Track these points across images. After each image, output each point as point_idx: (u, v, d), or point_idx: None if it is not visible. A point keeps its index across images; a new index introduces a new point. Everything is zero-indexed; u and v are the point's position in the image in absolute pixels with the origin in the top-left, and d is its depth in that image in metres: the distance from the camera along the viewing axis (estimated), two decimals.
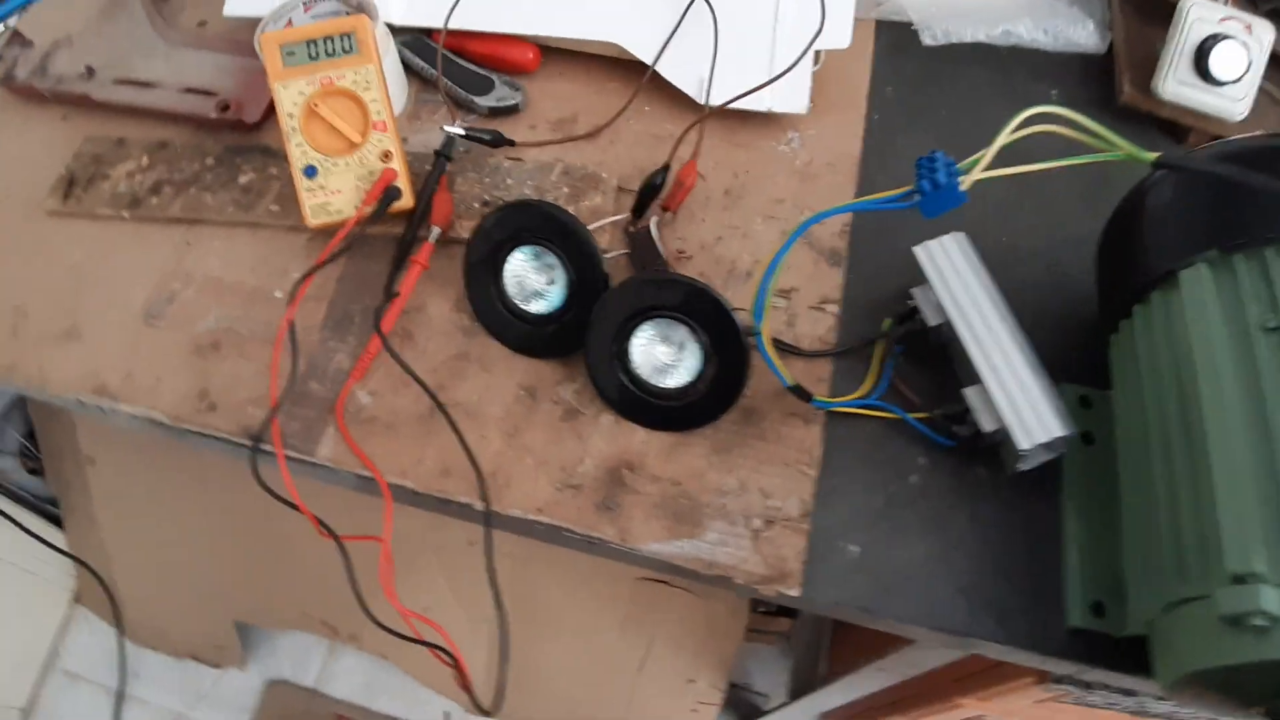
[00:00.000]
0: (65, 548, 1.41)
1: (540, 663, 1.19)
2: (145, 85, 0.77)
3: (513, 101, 0.72)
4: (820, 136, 0.73)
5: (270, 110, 0.74)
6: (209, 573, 1.31)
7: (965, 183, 0.50)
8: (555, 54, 0.76)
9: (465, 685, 0.61)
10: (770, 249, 0.66)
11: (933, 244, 0.60)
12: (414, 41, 0.75)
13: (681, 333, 0.57)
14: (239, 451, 0.60)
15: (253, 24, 0.77)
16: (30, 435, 1.37)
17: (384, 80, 0.64)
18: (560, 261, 0.60)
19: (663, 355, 0.58)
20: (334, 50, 0.64)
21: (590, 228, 0.62)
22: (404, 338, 0.63)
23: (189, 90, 0.76)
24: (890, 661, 0.77)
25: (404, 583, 0.56)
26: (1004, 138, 0.50)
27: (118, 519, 1.34)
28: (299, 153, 0.64)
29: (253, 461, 0.58)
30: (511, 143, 0.70)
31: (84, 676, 1.47)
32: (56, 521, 1.41)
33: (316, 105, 0.63)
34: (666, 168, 0.65)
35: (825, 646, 1.08)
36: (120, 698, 1.42)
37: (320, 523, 0.58)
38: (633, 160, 0.71)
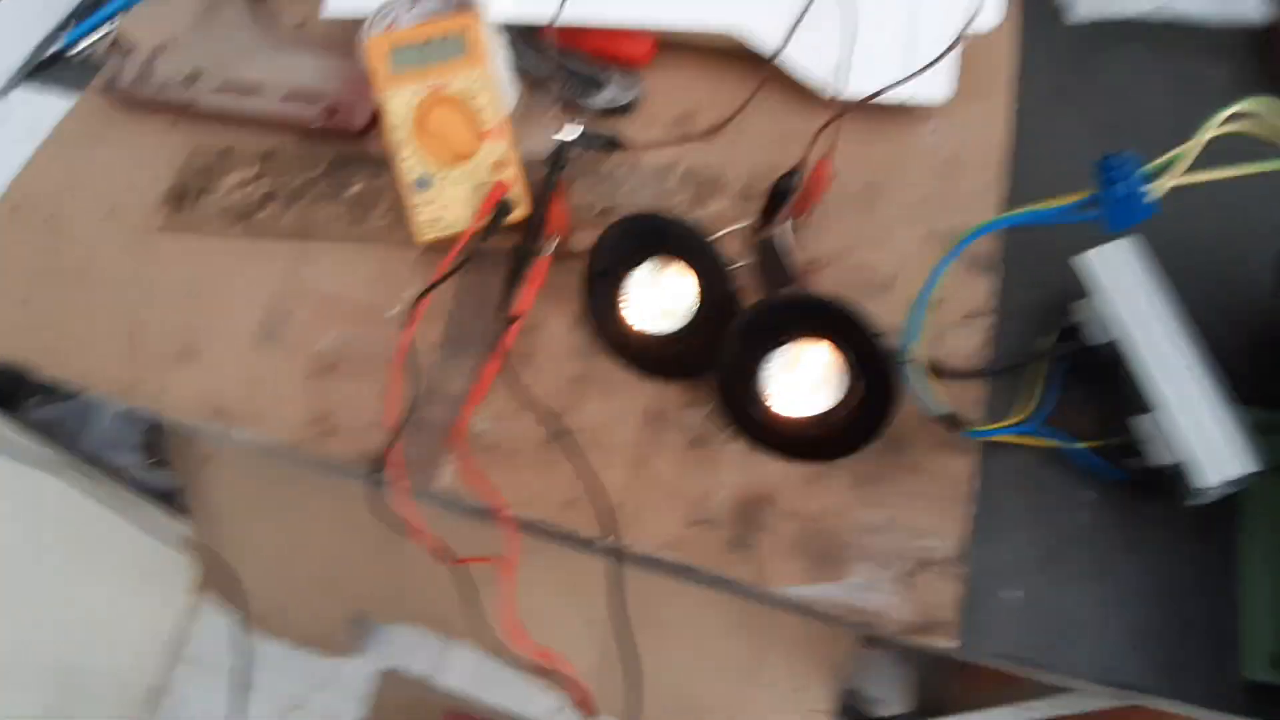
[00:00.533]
0: (187, 539, 1.45)
1: (646, 667, 1.17)
2: (249, 91, 0.76)
3: (628, 100, 0.68)
4: (962, 129, 0.66)
5: (377, 116, 0.71)
6: (326, 565, 1.33)
7: (1156, 191, 0.44)
8: (670, 46, 0.71)
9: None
10: (912, 257, 0.61)
11: (1097, 253, 0.54)
12: (521, 39, 0.71)
13: (822, 355, 0.52)
14: (357, 474, 0.58)
15: (351, 23, 0.75)
16: (150, 429, 1.41)
17: (495, 84, 0.61)
18: (687, 277, 0.56)
19: (801, 379, 0.53)
20: (443, 53, 0.60)
21: (714, 237, 0.57)
22: (522, 359, 0.59)
23: (293, 94, 0.74)
24: (1043, 705, 0.72)
25: None
26: (1210, 133, 0.43)
27: (237, 512, 1.37)
28: (409, 165, 0.61)
29: (373, 492, 0.56)
30: (625, 147, 0.66)
31: (208, 661, 1.51)
32: (179, 512, 1.45)
33: (427, 114, 0.60)
34: (798, 169, 0.60)
35: (955, 666, 1.02)
36: (243, 683, 1.47)
37: (441, 547, 0.56)
38: (757, 161, 0.66)
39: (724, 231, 0.61)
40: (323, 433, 0.59)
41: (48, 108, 0.81)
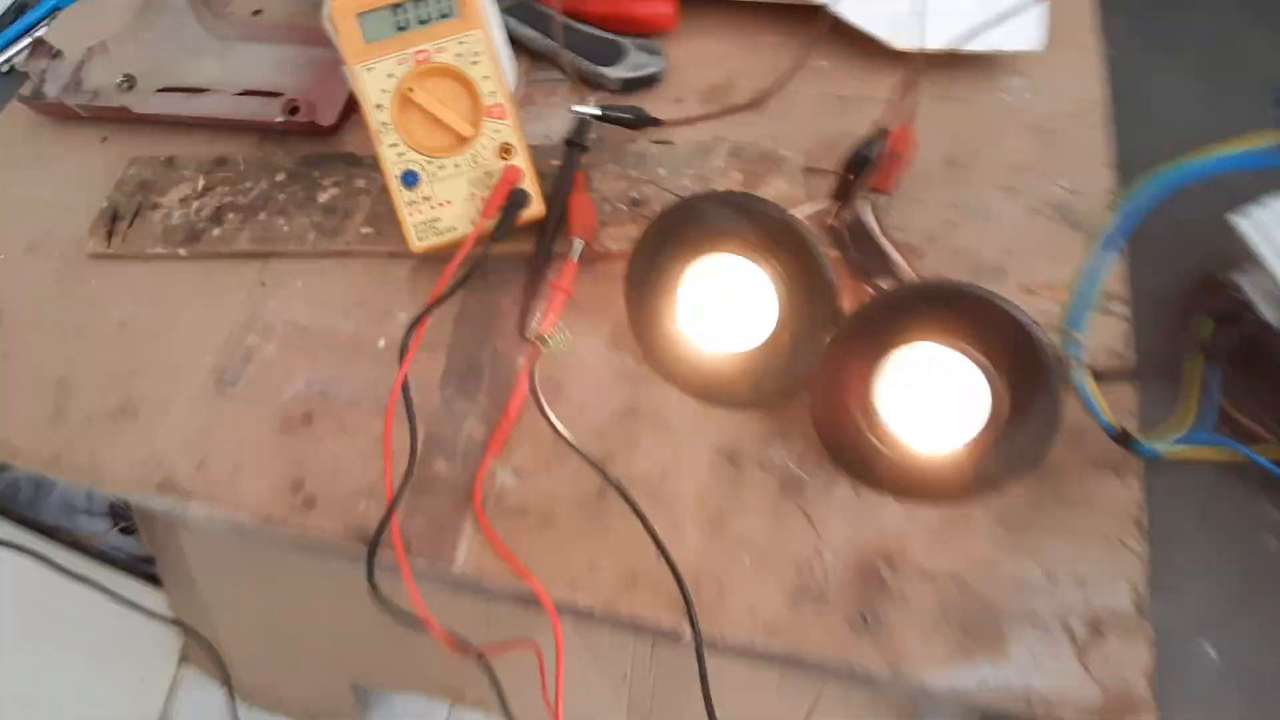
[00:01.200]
0: (166, 610, 1.31)
1: None
2: (195, 91, 0.63)
3: (652, 70, 0.56)
4: (1052, 80, 0.56)
5: (349, 109, 0.59)
6: (319, 633, 1.19)
7: None
8: (695, 6, 0.60)
9: None
10: (1021, 234, 0.50)
11: (1264, 210, 0.43)
12: (519, 7, 0.59)
13: (955, 363, 0.40)
14: (349, 552, 0.45)
15: (316, 7, 0.63)
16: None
17: (495, 48, 0.49)
18: (763, 273, 0.43)
19: (927, 396, 0.41)
20: (428, 15, 0.48)
21: (796, 212, 0.45)
22: (551, 392, 0.47)
23: (248, 93, 0.62)
24: None
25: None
26: None
27: (218, 581, 1.23)
28: (394, 155, 0.48)
29: (370, 576, 0.43)
30: (658, 121, 0.54)
31: None
32: (156, 580, 1.31)
33: (412, 90, 0.48)
34: (879, 135, 0.48)
35: None
36: None
37: (456, 639, 0.43)
38: (816, 131, 0.54)
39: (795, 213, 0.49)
40: (300, 504, 0.46)
41: None
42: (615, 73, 0.56)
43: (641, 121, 0.53)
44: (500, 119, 0.48)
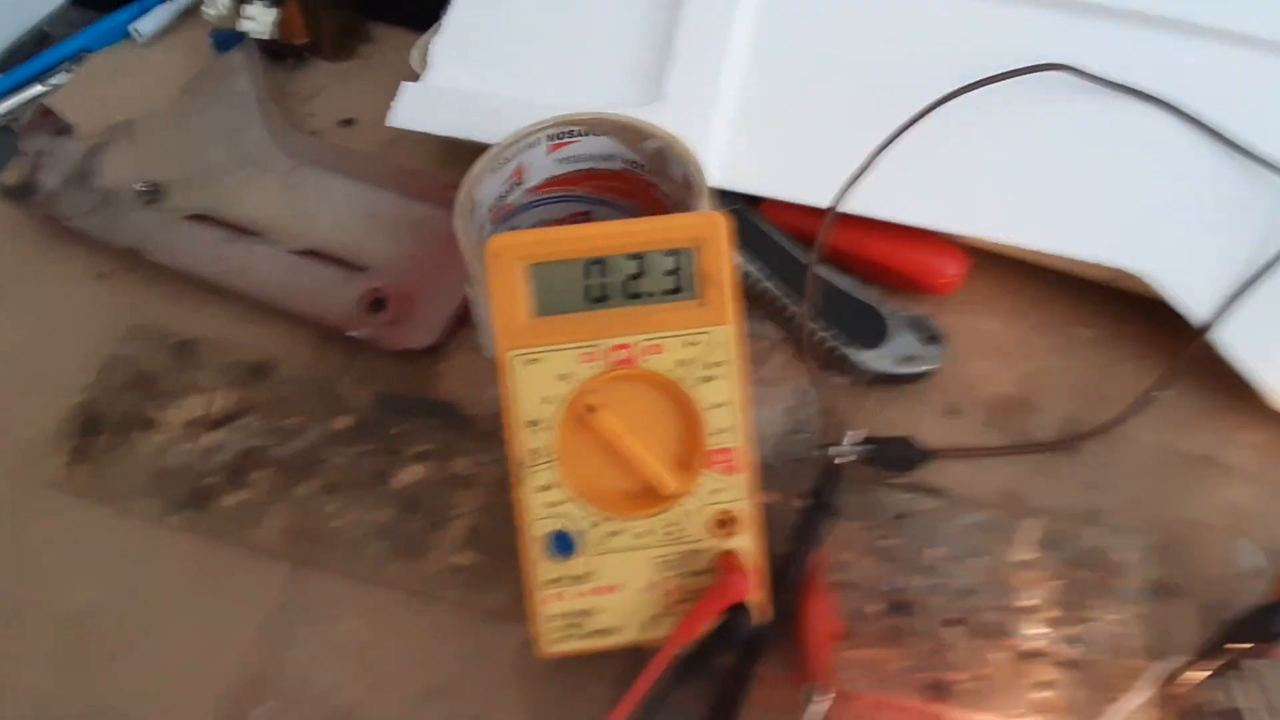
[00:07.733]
0: None
1: None
2: (241, 232, 0.45)
3: (925, 367, 0.38)
4: None
5: (457, 324, 0.41)
6: None
7: None
8: (982, 263, 0.42)
9: None
10: None
11: None
12: (734, 217, 0.41)
13: None
14: None
15: (433, 143, 0.45)
16: None
17: (743, 363, 0.30)
18: None
19: None
20: (645, 289, 0.30)
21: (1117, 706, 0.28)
22: None
23: (313, 254, 0.44)
24: None
25: None
26: None
27: None
28: (542, 501, 0.30)
29: None
30: (931, 455, 0.36)
31: None
32: None
33: (593, 409, 0.29)
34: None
35: None
36: None
37: None
38: (1157, 513, 0.36)
39: (1135, 701, 0.31)
40: None
41: None
42: (872, 360, 0.37)
43: (911, 459, 0.35)
44: (728, 473, 0.30)
